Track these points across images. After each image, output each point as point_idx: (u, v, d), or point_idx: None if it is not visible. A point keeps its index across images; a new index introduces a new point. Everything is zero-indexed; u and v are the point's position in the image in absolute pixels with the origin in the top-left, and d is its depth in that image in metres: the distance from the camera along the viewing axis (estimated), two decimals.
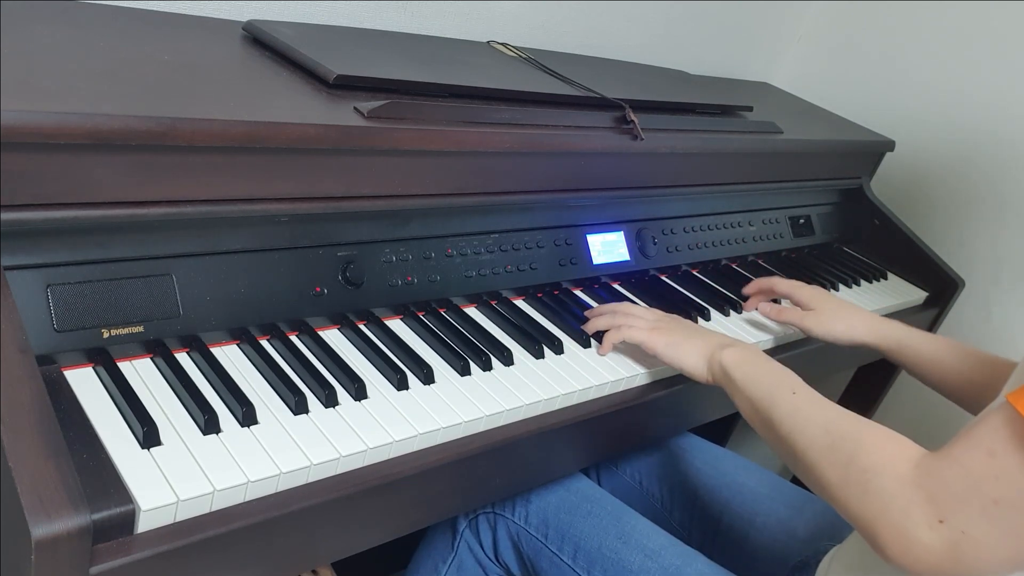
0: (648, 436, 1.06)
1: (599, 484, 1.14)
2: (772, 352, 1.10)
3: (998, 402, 0.61)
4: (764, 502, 1.02)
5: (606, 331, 0.94)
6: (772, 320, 1.09)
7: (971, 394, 0.95)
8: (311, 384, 0.72)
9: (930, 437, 1.65)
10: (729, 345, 0.86)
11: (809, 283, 1.28)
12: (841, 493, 0.65)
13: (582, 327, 0.95)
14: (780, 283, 1.11)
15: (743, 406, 0.81)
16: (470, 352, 0.84)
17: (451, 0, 1.21)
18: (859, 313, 1.05)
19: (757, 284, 1.14)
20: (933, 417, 1.59)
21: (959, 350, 0.97)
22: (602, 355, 0.92)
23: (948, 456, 0.60)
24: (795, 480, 1.20)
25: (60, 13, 0.82)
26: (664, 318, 0.94)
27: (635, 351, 0.95)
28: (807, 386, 0.78)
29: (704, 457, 1.09)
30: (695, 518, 1.04)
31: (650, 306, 1.07)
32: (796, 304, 1.08)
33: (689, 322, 0.95)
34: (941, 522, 0.58)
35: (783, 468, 1.77)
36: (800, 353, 1.12)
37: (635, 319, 0.93)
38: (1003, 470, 0.57)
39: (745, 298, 1.16)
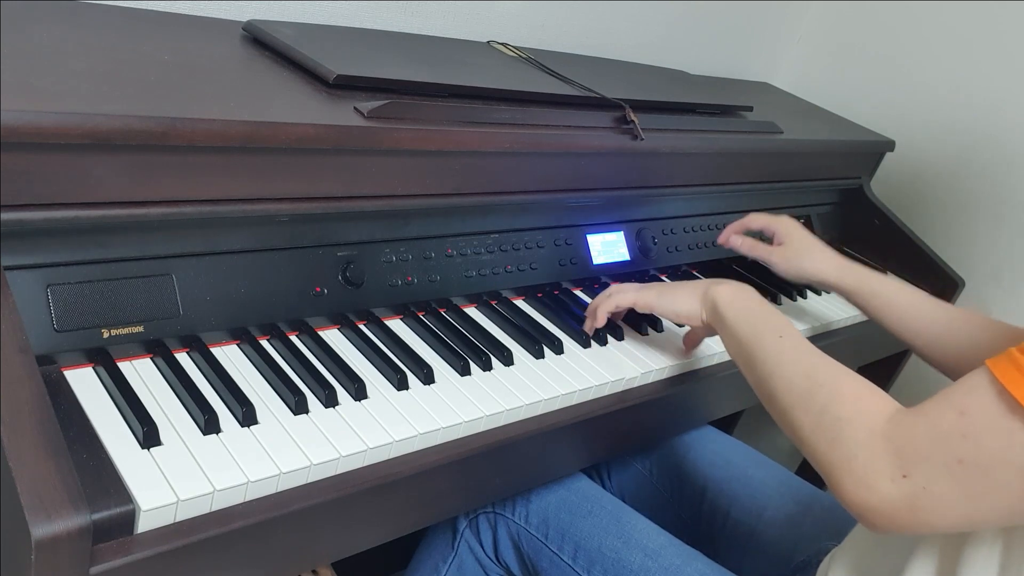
0: (648, 436, 1.06)
1: (608, 475, 1.14)
2: None
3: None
4: (773, 497, 1.02)
5: (604, 329, 0.94)
6: (744, 252, 1.09)
7: (929, 338, 0.95)
8: (311, 384, 0.72)
9: None
10: (722, 282, 0.87)
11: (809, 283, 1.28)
12: (811, 438, 0.66)
13: (582, 328, 0.95)
14: (755, 219, 1.12)
15: (729, 344, 0.83)
16: (470, 352, 0.84)
17: (451, 0, 1.21)
18: (827, 252, 1.06)
19: (732, 226, 1.14)
20: None
21: (918, 295, 0.99)
22: (597, 326, 0.93)
23: (920, 412, 0.61)
24: (801, 473, 1.20)
25: (60, 13, 0.82)
26: (650, 284, 0.95)
27: (635, 350, 0.95)
28: (796, 331, 0.78)
29: (714, 448, 1.09)
30: (704, 510, 1.04)
31: None
32: (770, 237, 1.09)
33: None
34: (904, 476, 0.59)
35: (791, 459, 1.77)
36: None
37: (623, 291, 0.94)
38: (971, 430, 0.57)
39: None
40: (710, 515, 1.03)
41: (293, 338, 0.78)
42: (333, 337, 0.81)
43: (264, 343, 0.77)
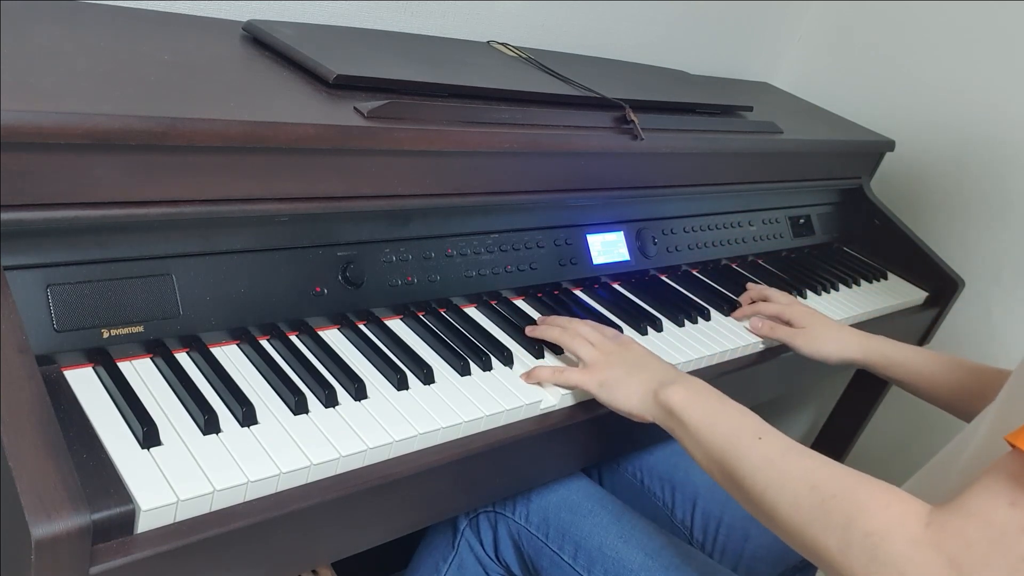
0: (649, 436, 1.06)
1: (600, 482, 1.14)
2: (771, 354, 1.10)
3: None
4: None
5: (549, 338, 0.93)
6: (763, 337, 1.09)
7: (963, 403, 0.96)
8: (311, 384, 0.72)
9: (928, 438, 1.64)
10: (673, 382, 0.78)
11: (810, 283, 1.29)
12: (843, 560, 0.59)
13: (525, 331, 0.90)
14: (772, 298, 1.13)
15: (697, 455, 0.74)
16: (470, 352, 0.84)
17: (451, 0, 1.21)
18: (848, 332, 1.07)
19: (749, 295, 1.16)
20: (932, 418, 1.59)
21: (947, 361, 0.99)
22: (528, 383, 0.84)
23: (963, 510, 0.55)
24: None
25: (60, 13, 0.82)
26: (608, 347, 0.85)
27: None
28: (771, 428, 0.71)
29: None
30: (696, 516, 1.04)
31: (650, 306, 1.07)
32: (787, 322, 1.10)
33: (635, 348, 0.86)
34: None
35: None
36: (799, 354, 1.12)
37: (581, 343, 0.85)
38: None
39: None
40: (704, 521, 1.03)
41: (293, 338, 0.78)
42: (333, 337, 0.81)
43: (264, 343, 0.77)
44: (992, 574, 0.53)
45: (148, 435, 0.60)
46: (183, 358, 0.71)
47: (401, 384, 0.76)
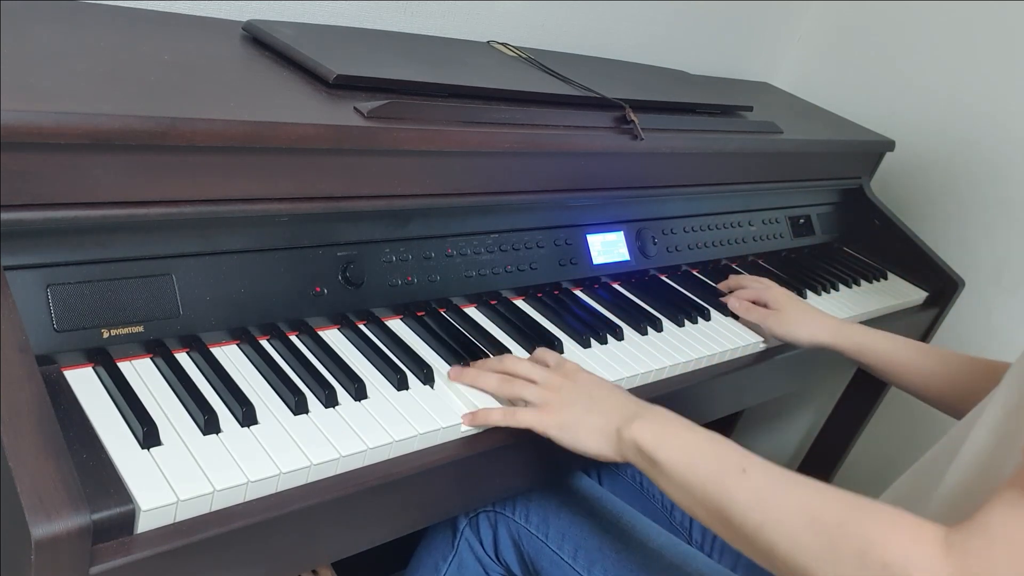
0: None
1: (600, 484, 1.14)
2: (771, 354, 1.10)
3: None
4: None
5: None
6: (740, 314, 1.11)
7: (951, 397, 0.96)
8: (311, 384, 0.72)
9: (928, 440, 1.64)
10: (636, 416, 0.72)
11: (810, 283, 1.29)
12: None
13: (449, 375, 0.81)
14: (746, 284, 1.14)
15: (676, 496, 0.68)
16: (470, 352, 0.84)
17: (451, 0, 1.21)
18: (822, 317, 1.08)
19: (726, 284, 1.17)
20: (931, 416, 1.59)
21: (919, 349, 1.00)
22: (472, 426, 0.76)
23: (984, 532, 0.54)
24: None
25: (60, 13, 0.82)
26: (555, 381, 0.78)
27: (634, 350, 0.95)
28: (751, 456, 0.66)
29: None
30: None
31: (650, 306, 1.07)
32: (764, 304, 1.11)
33: (582, 376, 0.80)
34: None
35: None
36: (801, 353, 1.12)
37: (523, 387, 0.77)
38: None
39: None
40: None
41: (293, 338, 0.78)
42: (333, 337, 0.81)
43: (264, 343, 0.77)
44: None
45: (148, 435, 0.60)
46: (183, 358, 0.71)
47: (401, 384, 0.76)
